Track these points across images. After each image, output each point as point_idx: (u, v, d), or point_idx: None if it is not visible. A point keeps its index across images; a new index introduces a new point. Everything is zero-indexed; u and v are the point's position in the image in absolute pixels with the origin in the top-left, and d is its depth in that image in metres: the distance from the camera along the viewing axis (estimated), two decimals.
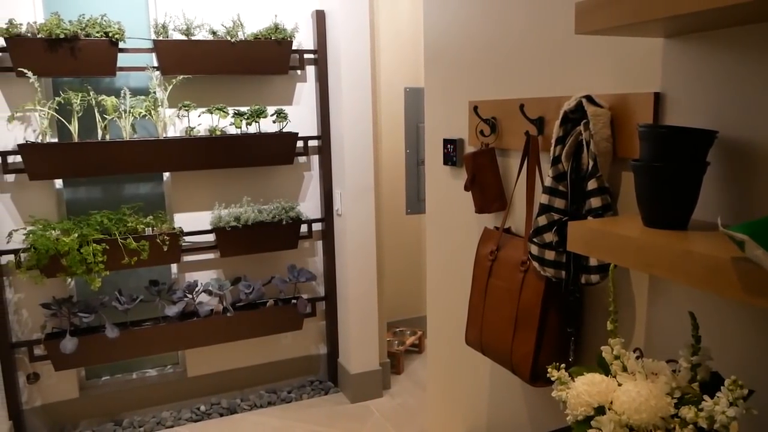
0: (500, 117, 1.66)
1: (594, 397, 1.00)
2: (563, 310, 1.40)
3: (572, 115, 1.29)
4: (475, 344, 1.64)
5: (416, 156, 4.20)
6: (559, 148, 1.31)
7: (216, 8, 3.16)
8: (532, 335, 1.41)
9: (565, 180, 1.30)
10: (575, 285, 1.34)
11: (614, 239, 1.01)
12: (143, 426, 3.18)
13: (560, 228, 1.30)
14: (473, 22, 1.78)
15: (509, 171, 1.69)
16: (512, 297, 1.48)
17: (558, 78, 1.46)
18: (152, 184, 3.26)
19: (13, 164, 2.88)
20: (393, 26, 4.03)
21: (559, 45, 1.44)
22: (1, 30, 2.67)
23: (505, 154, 1.70)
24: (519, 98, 1.57)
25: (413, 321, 4.32)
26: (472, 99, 1.81)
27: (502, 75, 1.67)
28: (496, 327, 1.53)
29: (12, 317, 3.00)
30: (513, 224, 1.68)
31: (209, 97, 3.20)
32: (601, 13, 1.00)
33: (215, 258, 3.35)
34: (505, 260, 1.55)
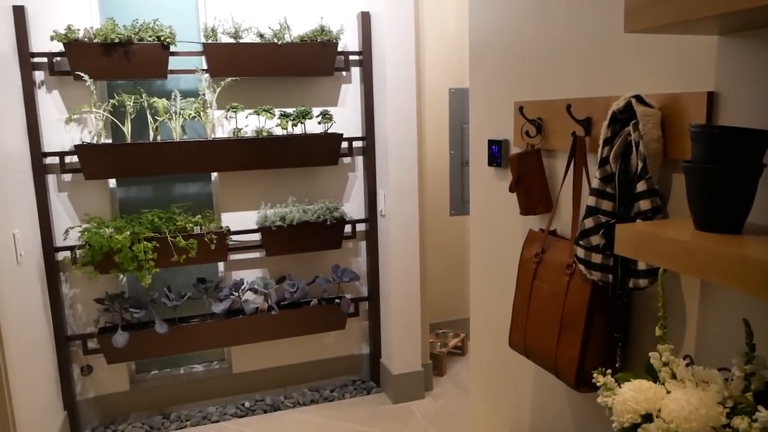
0: (546, 117, 1.64)
1: (641, 404, 0.98)
2: (610, 315, 1.37)
3: (621, 115, 1.26)
4: (519, 347, 1.63)
5: (461, 157, 4.17)
6: (607, 149, 1.28)
7: (263, 11, 3.21)
8: (578, 339, 1.39)
9: (613, 182, 1.28)
10: (623, 289, 1.31)
11: (664, 243, 0.98)
12: (190, 420, 3.26)
13: (607, 231, 1.27)
14: (519, 22, 1.76)
15: (555, 172, 1.66)
16: (557, 300, 1.46)
17: (606, 78, 1.43)
18: (201, 184, 3.34)
19: (70, 164, 2.99)
20: (438, 27, 4.02)
21: (607, 44, 1.41)
22: (60, 35, 2.77)
23: (551, 155, 1.67)
24: (566, 98, 1.54)
25: (456, 323, 4.30)
26: (517, 99, 1.79)
27: (549, 75, 1.65)
28: (541, 330, 1.51)
29: (67, 311, 3.12)
30: (558, 226, 1.65)
31: (256, 99, 3.26)
32: (652, 11, 0.97)
33: (261, 257, 3.41)
34: (551, 263, 1.52)
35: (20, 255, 2.57)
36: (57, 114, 2.98)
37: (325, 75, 3.24)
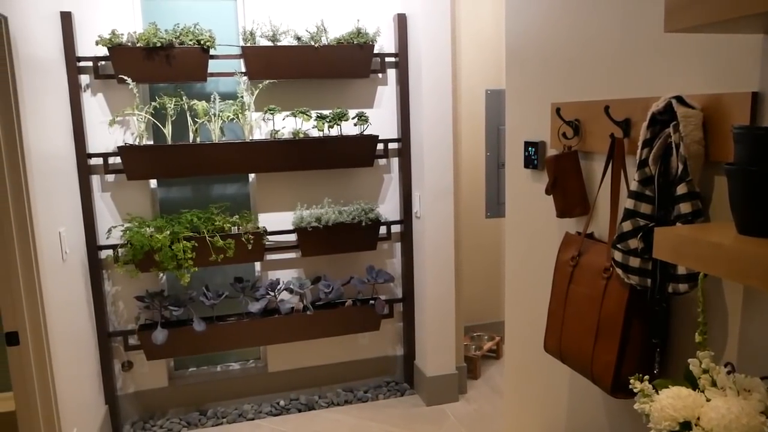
0: (584, 119, 1.61)
1: (679, 411, 0.96)
2: (648, 320, 1.34)
3: (661, 116, 1.23)
4: (555, 352, 1.61)
5: (497, 159, 4.14)
6: (646, 151, 1.26)
7: (301, 14, 3.25)
8: (615, 345, 1.36)
9: (652, 184, 1.25)
10: (662, 294, 1.28)
11: (705, 247, 0.96)
12: (226, 417, 3.31)
13: (646, 234, 1.25)
14: (557, 22, 1.74)
15: (592, 174, 1.64)
16: (594, 304, 1.44)
17: (645, 78, 1.40)
18: (238, 185, 3.39)
19: (113, 165, 3.07)
20: (474, 28, 4.00)
21: (646, 44, 1.39)
22: (105, 40, 2.85)
23: (588, 157, 1.65)
24: (604, 100, 1.52)
25: (491, 326, 4.26)
26: (554, 101, 1.77)
27: (586, 76, 1.62)
28: (577, 335, 1.49)
29: (109, 308, 3.21)
30: (596, 229, 1.63)
31: (293, 101, 3.30)
32: (693, 9, 0.95)
33: (296, 257, 3.44)
34: (587, 266, 1.50)
35: (65, 253, 2.65)
36: (101, 116, 3.07)
37: (361, 77, 3.25)
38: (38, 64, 2.47)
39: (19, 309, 2.19)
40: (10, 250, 2.15)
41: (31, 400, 2.26)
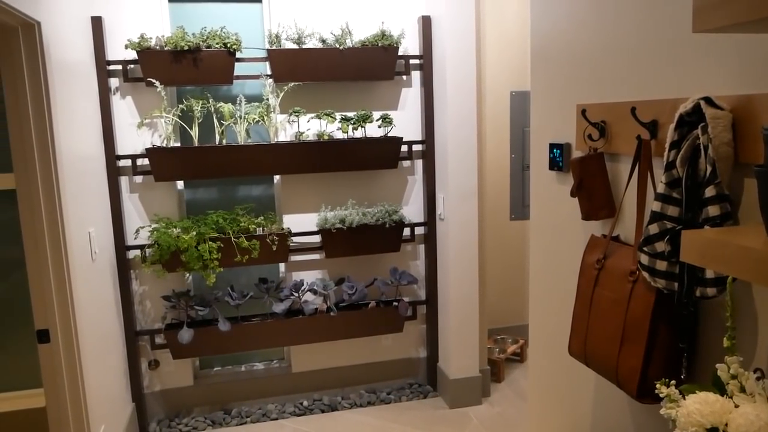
0: (610, 120, 1.60)
1: (707, 417, 0.94)
2: (675, 324, 1.33)
3: (689, 118, 1.22)
4: (579, 355, 1.59)
5: (521, 161, 4.11)
6: (673, 153, 1.24)
7: (326, 17, 3.27)
8: (641, 349, 1.35)
9: (679, 186, 1.24)
10: (689, 298, 1.26)
11: (734, 250, 0.94)
12: (250, 416, 3.34)
13: (673, 237, 1.23)
14: (582, 23, 1.72)
15: (618, 177, 1.62)
16: (619, 308, 1.42)
17: (673, 79, 1.38)
18: (263, 186, 3.42)
19: (141, 167, 3.13)
20: (499, 29, 3.99)
21: (674, 44, 1.37)
22: (134, 44, 2.90)
23: (614, 159, 1.63)
24: (630, 101, 1.50)
25: (515, 329, 4.23)
26: (580, 102, 1.76)
27: (613, 77, 1.61)
28: (602, 338, 1.48)
29: (137, 307, 3.26)
30: (622, 232, 1.61)
31: (318, 103, 3.32)
32: (722, 9, 0.94)
33: (320, 258, 3.46)
34: (613, 269, 1.49)
35: (95, 252, 2.70)
36: (130, 118, 3.12)
37: (385, 79, 3.26)
38: (70, 68, 2.52)
39: (50, 307, 2.24)
40: (42, 250, 2.20)
41: (60, 396, 2.30)
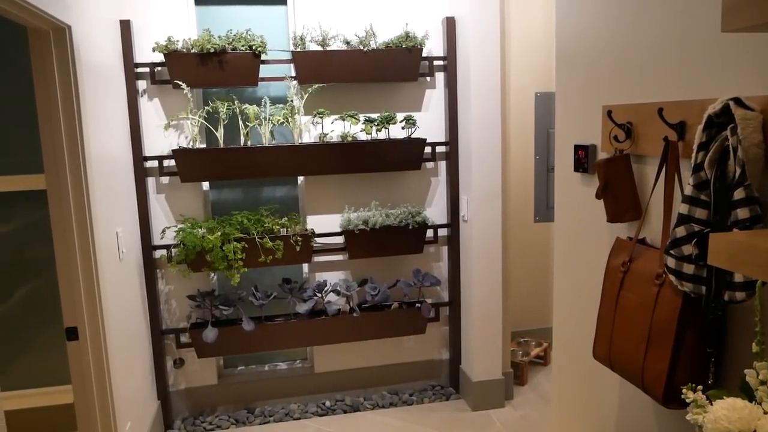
0: (636, 122, 1.58)
1: (735, 423, 0.93)
2: (702, 328, 1.30)
3: (717, 119, 1.20)
4: (604, 359, 1.57)
5: (546, 162, 4.08)
6: (701, 155, 1.22)
7: (350, 19, 3.28)
8: (667, 353, 1.33)
9: (707, 189, 1.22)
10: (717, 302, 1.24)
11: (764, 254, 0.92)
12: (273, 416, 3.36)
13: (701, 240, 1.21)
14: (609, 23, 1.70)
15: (645, 178, 1.60)
16: (645, 311, 1.40)
17: (701, 80, 1.36)
18: (287, 187, 3.44)
19: (167, 168, 3.17)
20: (524, 30, 3.96)
21: (702, 44, 1.35)
22: (161, 47, 2.95)
23: (640, 160, 1.61)
24: (657, 102, 1.48)
25: (539, 332, 4.20)
26: (605, 103, 1.74)
27: (639, 77, 1.59)
28: (627, 342, 1.46)
29: (162, 306, 3.30)
30: (648, 235, 1.59)
31: (342, 105, 3.33)
32: (752, 8, 0.92)
33: (343, 259, 3.47)
34: (639, 272, 1.47)
35: (122, 252, 2.74)
36: (157, 120, 3.17)
37: (409, 80, 3.26)
38: (99, 71, 2.57)
39: (79, 305, 2.28)
40: (71, 249, 2.25)
41: (88, 393, 2.34)
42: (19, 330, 3.16)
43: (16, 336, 3.15)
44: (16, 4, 1.77)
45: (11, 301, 3.12)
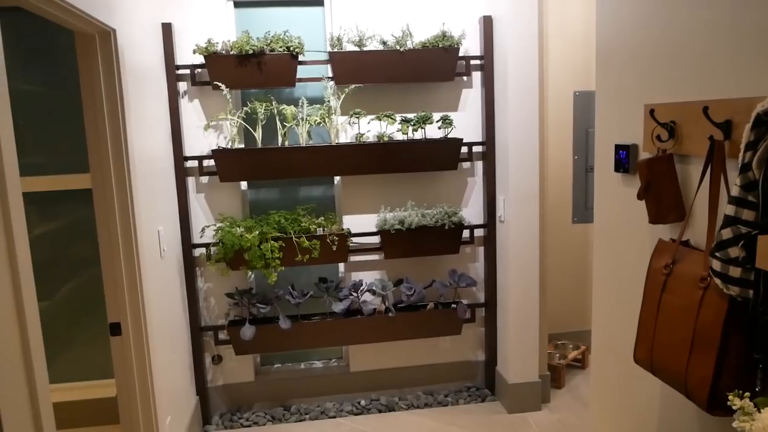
0: (680, 121, 1.54)
1: None
2: (749, 333, 1.27)
3: (766, 117, 1.16)
4: (645, 363, 1.54)
5: (585, 162, 4.02)
6: (749, 155, 1.19)
7: (387, 19, 3.28)
8: (711, 359, 1.29)
9: (755, 189, 1.18)
10: (765, 306, 1.20)
11: None
12: (308, 414, 3.39)
13: (748, 242, 1.18)
14: (651, 21, 1.67)
15: (689, 179, 1.56)
16: (689, 315, 1.37)
17: (749, 77, 1.32)
18: (324, 187, 3.47)
19: (207, 167, 3.22)
20: (563, 29, 3.91)
21: (750, 40, 1.31)
22: (201, 49, 3.00)
23: (684, 160, 1.57)
24: (702, 100, 1.44)
25: (577, 334, 4.14)
26: (648, 102, 1.70)
27: (683, 75, 1.55)
28: (670, 347, 1.43)
29: (202, 304, 3.36)
30: (692, 236, 1.55)
31: (378, 105, 3.34)
32: None
33: (379, 259, 3.48)
34: (682, 275, 1.43)
35: (163, 250, 2.80)
36: (197, 121, 3.22)
37: (446, 80, 3.25)
38: (142, 73, 2.63)
39: (122, 302, 2.34)
40: (115, 247, 2.30)
41: (130, 387, 2.40)
42: (64, 325, 3.25)
43: (60, 331, 3.25)
44: (65, 9, 1.83)
45: (57, 297, 3.21)
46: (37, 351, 1.44)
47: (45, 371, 1.48)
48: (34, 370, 1.42)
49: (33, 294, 1.45)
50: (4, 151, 1.33)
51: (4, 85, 1.37)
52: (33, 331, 1.43)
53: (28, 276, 1.43)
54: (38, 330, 1.46)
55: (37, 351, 1.44)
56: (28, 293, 1.41)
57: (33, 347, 1.42)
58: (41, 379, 1.45)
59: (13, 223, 1.36)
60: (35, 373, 1.42)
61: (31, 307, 1.43)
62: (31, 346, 1.41)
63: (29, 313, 1.41)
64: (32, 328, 1.42)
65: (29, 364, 1.41)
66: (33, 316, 1.43)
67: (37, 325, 1.45)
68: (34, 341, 1.43)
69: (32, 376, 1.42)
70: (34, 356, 1.42)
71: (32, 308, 1.43)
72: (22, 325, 1.39)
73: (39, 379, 1.44)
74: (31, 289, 1.43)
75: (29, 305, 1.42)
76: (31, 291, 1.44)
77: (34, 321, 1.44)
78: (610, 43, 1.90)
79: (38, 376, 1.44)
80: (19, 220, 1.39)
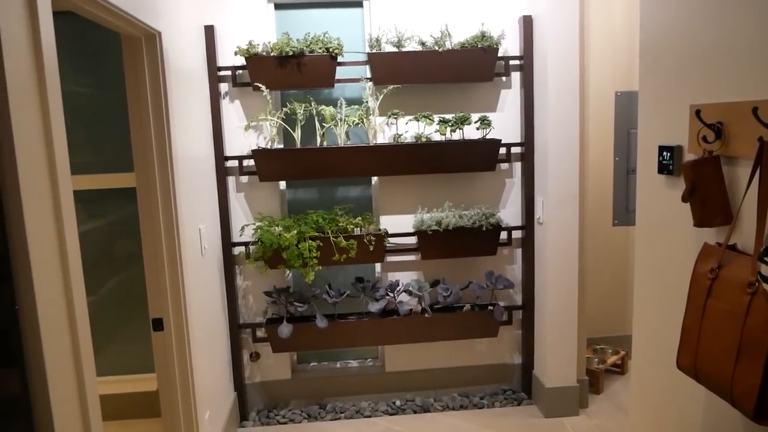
0: (727, 121, 1.50)
1: None
2: None
3: None
4: (689, 370, 1.51)
5: (626, 164, 3.94)
6: None
7: (426, 19, 3.28)
8: (759, 366, 1.26)
9: None
10: None
11: None
12: (344, 412, 3.41)
13: None
14: (698, 19, 1.63)
15: (736, 181, 1.52)
16: (735, 321, 1.33)
17: None
18: (361, 187, 3.48)
19: (247, 167, 3.27)
20: (605, 28, 3.84)
21: None
22: (243, 50, 3.05)
23: (731, 162, 1.53)
24: (752, 100, 1.40)
25: (616, 339, 4.06)
26: (693, 102, 1.66)
27: (731, 75, 1.51)
28: (715, 353, 1.39)
29: (240, 301, 3.41)
30: (739, 240, 1.51)
31: (416, 105, 3.34)
32: None
33: (416, 260, 3.48)
34: (728, 280, 1.40)
35: (204, 248, 2.86)
36: (237, 121, 3.28)
37: (484, 81, 3.23)
38: (185, 74, 2.69)
39: (165, 298, 2.39)
40: (158, 244, 2.36)
41: (171, 382, 2.46)
42: (106, 320, 3.34)
43: (103, 326, 3.34)
44: (115, 13, 1.88)
45: (101, 292, 3.30)
46: (85, 344, 1.49)
47: (93, 364, 1.53)
48: (83, 362, 1.47)
49: (82, 290, 1.50)
50: (57, 151, 1.38)
51: (58, 87, 1.42)
52: (82, 325, 1.47)
53: (78, 272, 1.48)
54: (87, 324, 1.50)
55: (85, 344, 1.49)
56: (77, 289, 1.46)
57: (81, 341, 1.47)
58: (89, 371, 1.50)
59: (64, 221, 1.40)
60: (83, 366, 1.47)
61: (80, 303, 1.48)
62: (80, 339, 1.45)
63: (78, 308, 1.46)
64: (81, 322, 1.47)
65: (78, 356, 1.45)
66: (82, 311, 1.48)
67: (85, 319, 1.50)
68: (82, 335, 1.47)
69: (80, 369, 1.46)
70: (82, 349, 1.47)
71: (81, 303, 1.48)
72: (72, 319, 1.43)
73: (87, 372, 1.48)
74: (80, 285, 1.48)
75: (78, 300, 1.46)
76: (81, 286, 1.49)
77: (83, 315, 1.48)
78: (655, 42, 1.86)
79: (86, 368, 1.48)
80: (69, 217, 1.44)
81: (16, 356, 1.26)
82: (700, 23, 1.62)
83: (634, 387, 2.11)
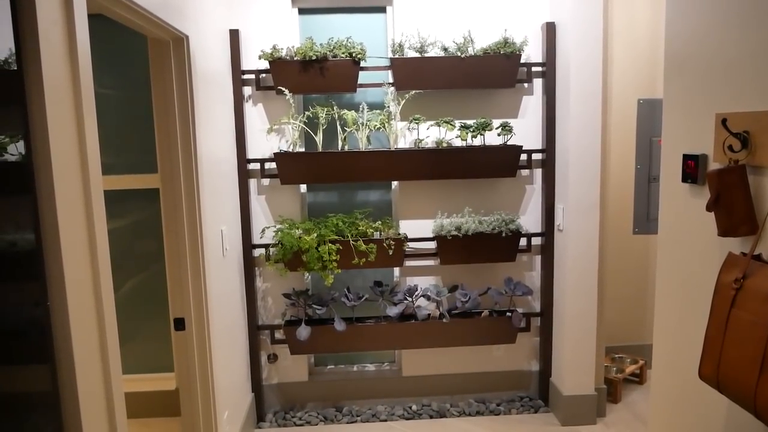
0: (754, 131, 1.49)
1: None
2: None
3: None
4: (711, 380, 1.50)
5: (648, 172, 3.91)
6: None
7: (449, 25, 3.29)
8: None
9: None
10: None
11: None
12: (360, 416, 3.42)
13: None
14: (725, 27, 1.62)
15: (762, 191, 1.51)
16: (760, 332, 1.32)
17: None
18: (381, 192, 3.50)
19: (268, 170, 3.30)
20: (628, 35, 3.82)
21: None
22: (266, 55, 3.08)
23: (758, 171, 1.52)
24: None
25: (635, 348, 4.03)
26: (719, 111, 1.66)
27: (758, 84, 1.50)
28: (739, 364, 1.38)
29: (259, 303, 3.44)
30: (764, 250, 1.50)
31: (437, 111, 3.35)
32: None
33: (435, 265, 3.48)
34: (753, 290, 1.39)
35: (225, 249, 2.89)
36: (260, 124, 3.31)
37: (506, 87, 3.23)
38: (210, 78, 2.73)
39: (186, 298, 2.42)
40: (181, 244, 2.39)
41: (192, 381, 2.48)
42: (126, 320, 3.38)
43: (123, 325, 3.38)
44: (144, 17, 1.92)
45: (121, 291, 3.35)
46: (112, 342, 1.52)
47: (119, 361, 1.55)
48: (110, 359, 1.49)
49: (110, 288, 1.52)
50: (89, 151, 1.41)
51: (91, 89, 1.45)
52: (109, 323, 1.50)
53: (107, 271, 1.51)
54: (114, 322, 1.53)
55: (112, 342, 1.52)
56: (106, 287, 1.49)
57: (109, 338, 1.49)
58: (115, 368, 1.53)
59: (95, 221, 1.43)
60: (110, 363, 1.50)
61: (108, 301, 1.51)
62: (107, 337, 1.48)
63: (107, 305, 1.49)
64: (109, 320, 1.50)
65: (105, 353, 1.48)
66: (110, 309, 1.51)
67: (113, 316, 1.53)
68: (110, 332, 1.50)
69: (107, 366, 1.49)
70: (109, 347, 1.50)
71: (109, 301, 1.51)
72: (100, 316, 1.46)
73: (113, 369, 1.51)
74: (108, 283, 1.51)
75: (107, 299, 1.49)
76: (109, 285, 1.52)
77: (110, 313, 1.51)
78: (681, 50, 1.85)
79: (113, 365, 1.51)
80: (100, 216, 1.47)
81: (46, 352, 1.28)
82: (727, 31, 1.62)
83: (654, 396, 2.10)
